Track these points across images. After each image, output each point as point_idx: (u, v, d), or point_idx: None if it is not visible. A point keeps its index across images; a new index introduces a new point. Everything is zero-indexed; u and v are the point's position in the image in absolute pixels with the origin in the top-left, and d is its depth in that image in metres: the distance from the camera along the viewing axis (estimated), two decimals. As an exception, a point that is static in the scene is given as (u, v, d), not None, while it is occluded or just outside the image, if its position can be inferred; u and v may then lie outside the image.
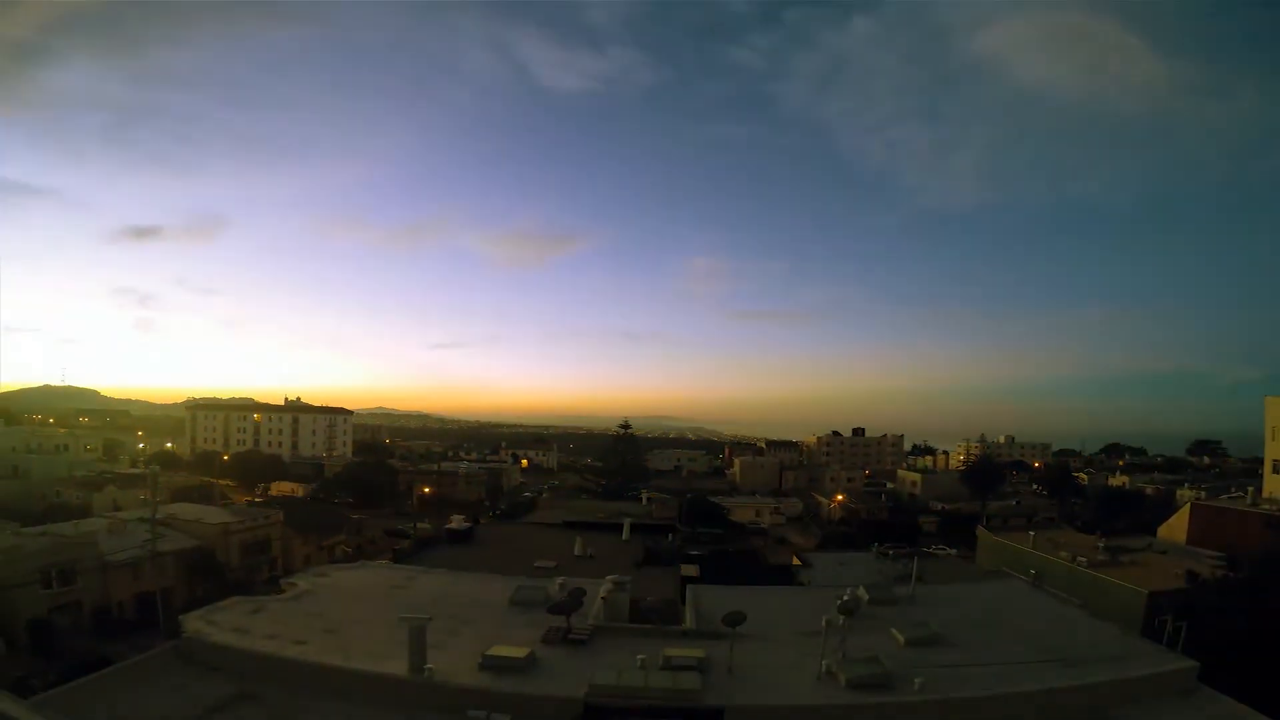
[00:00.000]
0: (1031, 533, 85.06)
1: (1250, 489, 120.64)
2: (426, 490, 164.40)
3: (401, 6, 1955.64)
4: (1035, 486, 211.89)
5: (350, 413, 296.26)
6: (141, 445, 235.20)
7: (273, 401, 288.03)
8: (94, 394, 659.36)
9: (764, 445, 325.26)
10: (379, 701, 23.72)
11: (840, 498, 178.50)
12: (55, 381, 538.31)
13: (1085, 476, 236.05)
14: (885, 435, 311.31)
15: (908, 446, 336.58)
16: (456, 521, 78.60)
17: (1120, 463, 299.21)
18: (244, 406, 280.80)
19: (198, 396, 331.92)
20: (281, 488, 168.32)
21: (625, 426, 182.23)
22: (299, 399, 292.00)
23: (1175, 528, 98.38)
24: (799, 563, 73.92)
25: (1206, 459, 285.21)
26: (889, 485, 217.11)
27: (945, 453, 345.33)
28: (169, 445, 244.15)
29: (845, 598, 30.90)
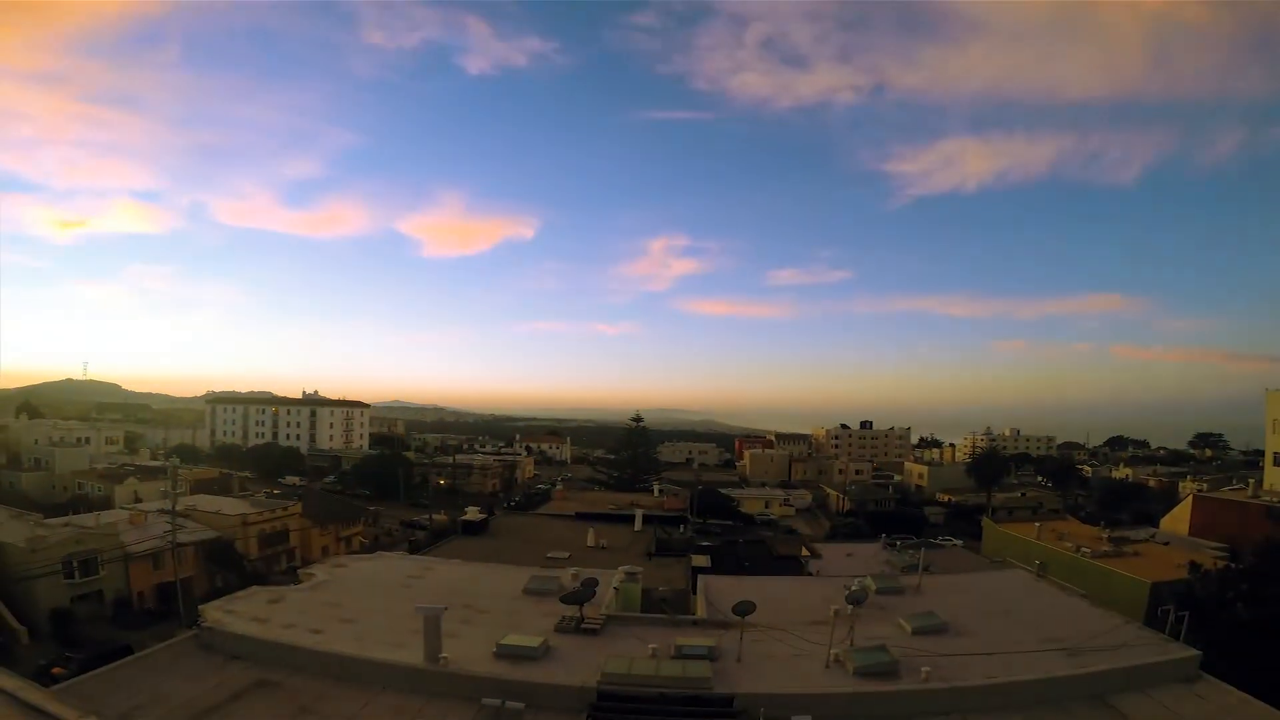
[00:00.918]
0: (1036, 524, 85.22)
1: (1251, 481, 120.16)
2: (442, 482, 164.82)
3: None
4: (1040, 478, 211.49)
5: (367, 406, 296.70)
6: (162, 438, 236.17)
7: (291, 395, 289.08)
8: (115, 387, 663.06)
9: (773, 438, 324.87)
10: (395, 689, 23.78)
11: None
12: (77, 375, 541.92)
13: (1089, 469, 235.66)
14: (893, 428, 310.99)
15: (915, 439, 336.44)
16: (471, 513, 78.64)
17: (1124, 455, 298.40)
18: (262, 400, 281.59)
19: (217, 390, 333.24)
20: (289, 481, 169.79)
21: (637, 419, 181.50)
22: (316, 392, 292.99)
23: (1178, 519, 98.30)
24: (808, 553, 73.73)
25: (1208, 451, 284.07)
26: (896, 477, 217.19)
27: (952, 445, 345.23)
28: (189, 438, 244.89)
29: (853, 588, 30.91)
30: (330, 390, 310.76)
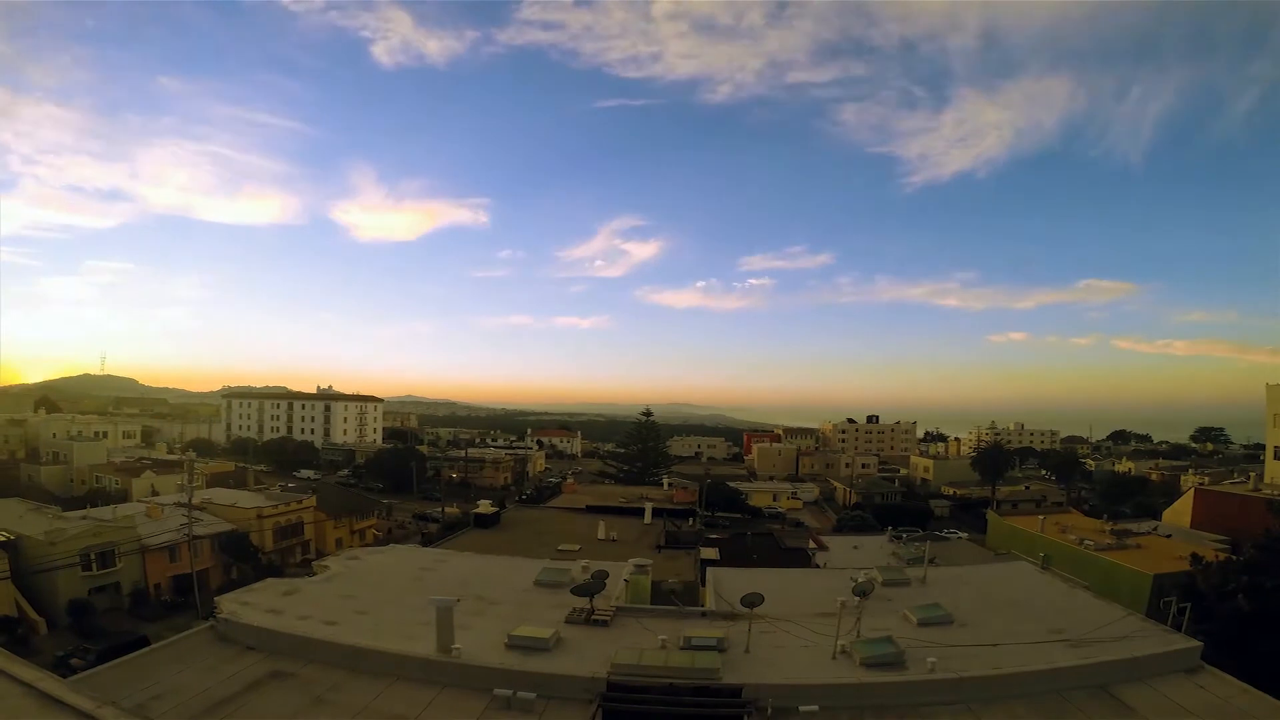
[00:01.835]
0: (1040, 517, 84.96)
1: (1252, 474, 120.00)
2: (454, 476, 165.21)
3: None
4: (1044, 472, 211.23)
5: (380, 400, 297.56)
6: (178, 432, 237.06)
7: (306, 390, 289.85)
8: (132, 382, 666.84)
9: (781, 432, 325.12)
10: (409, 680, 23.79)
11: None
12: (95, 370, 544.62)
13: (1092, 463, 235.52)
14: (898, 422, 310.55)
15: (920, 433, 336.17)
16: (483, 506, 78.82)
17: (1126, 449, 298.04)
18: (278, 394, 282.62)
19: (233, 385, 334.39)
20: (304, 474, 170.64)
21: (647, 414, 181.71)
22: (330, 387, 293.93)
23: (1180, 512, 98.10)
24: (815, 546, 73.85)
25: (1209, 445, 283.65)
26: (902, 471, 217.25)
27: (957, 439, 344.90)
28: (205, 432, 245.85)
29: (860, 580, 30.84)
30: (344, 385, 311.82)
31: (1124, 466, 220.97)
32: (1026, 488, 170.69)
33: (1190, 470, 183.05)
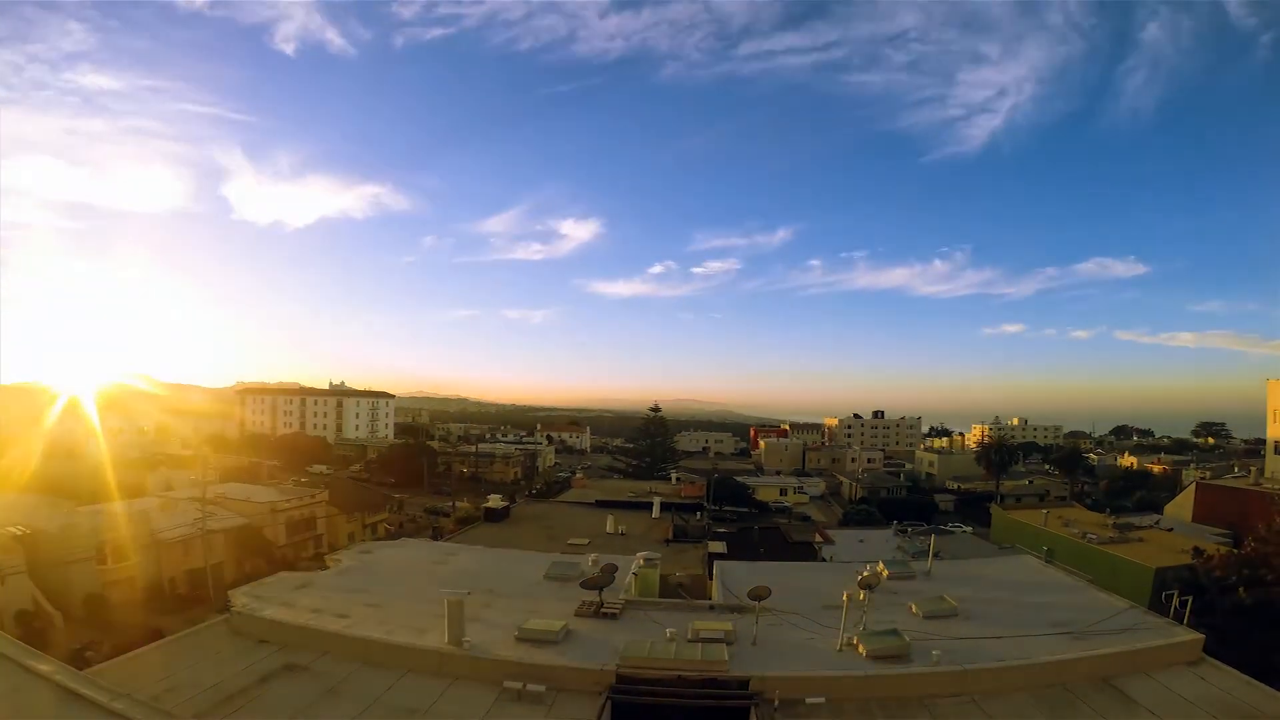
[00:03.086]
0: (1044, 511, 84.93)
1: (1253, 469, 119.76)
2: (465, 470, 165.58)
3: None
4: (1047, 467, 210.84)
5: (392, 396, 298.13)
6: (193, 427, 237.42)
7: (318, 386, 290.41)
8: (147, 378, 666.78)
9: (788, 427, 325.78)
10: (420, 672, 23.77)
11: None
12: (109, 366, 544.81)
13: (1095, 457, 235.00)
14: (904, 417, 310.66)
15: (925, 428, 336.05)
16: (494, 500, 79.00)
17: (1129, 444, 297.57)
18: (291, 391, 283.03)
19: (246, 382, 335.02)
20: (317, 469, 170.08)
21: (655, 409, 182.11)
22: (343, 383, 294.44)
23: (1181, 506, 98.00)
24: (821, 540, 73.75)
25: (1210, 440, 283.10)
26: (907, 465, 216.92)
27: (961, 434, 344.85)
28: (219, 428, 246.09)
29: (865, 573, 30.75)
30: (356, 382, 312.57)
31: (1126, 461, 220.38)
32: (1030, 482, 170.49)
33: (1192, 465, 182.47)
